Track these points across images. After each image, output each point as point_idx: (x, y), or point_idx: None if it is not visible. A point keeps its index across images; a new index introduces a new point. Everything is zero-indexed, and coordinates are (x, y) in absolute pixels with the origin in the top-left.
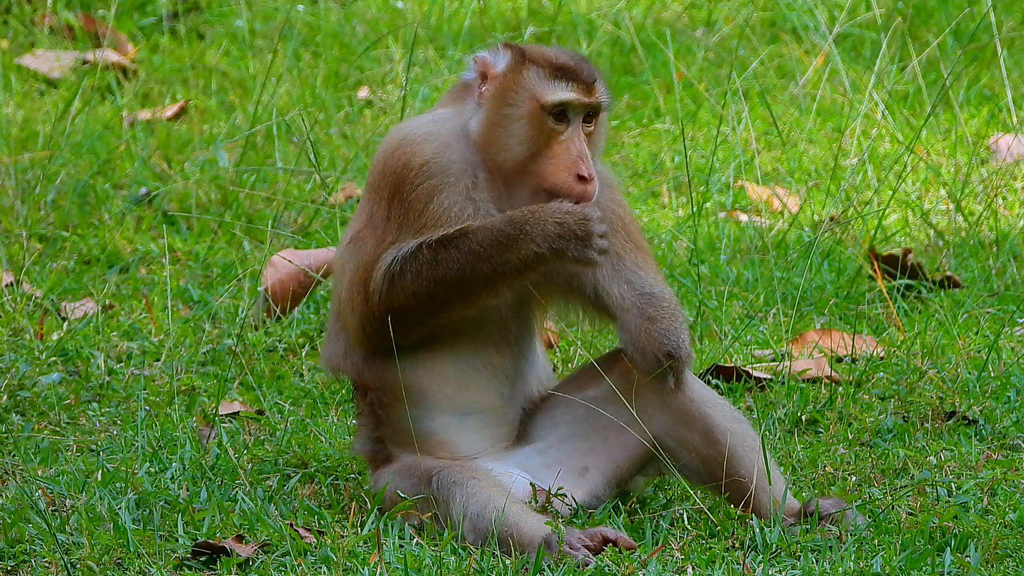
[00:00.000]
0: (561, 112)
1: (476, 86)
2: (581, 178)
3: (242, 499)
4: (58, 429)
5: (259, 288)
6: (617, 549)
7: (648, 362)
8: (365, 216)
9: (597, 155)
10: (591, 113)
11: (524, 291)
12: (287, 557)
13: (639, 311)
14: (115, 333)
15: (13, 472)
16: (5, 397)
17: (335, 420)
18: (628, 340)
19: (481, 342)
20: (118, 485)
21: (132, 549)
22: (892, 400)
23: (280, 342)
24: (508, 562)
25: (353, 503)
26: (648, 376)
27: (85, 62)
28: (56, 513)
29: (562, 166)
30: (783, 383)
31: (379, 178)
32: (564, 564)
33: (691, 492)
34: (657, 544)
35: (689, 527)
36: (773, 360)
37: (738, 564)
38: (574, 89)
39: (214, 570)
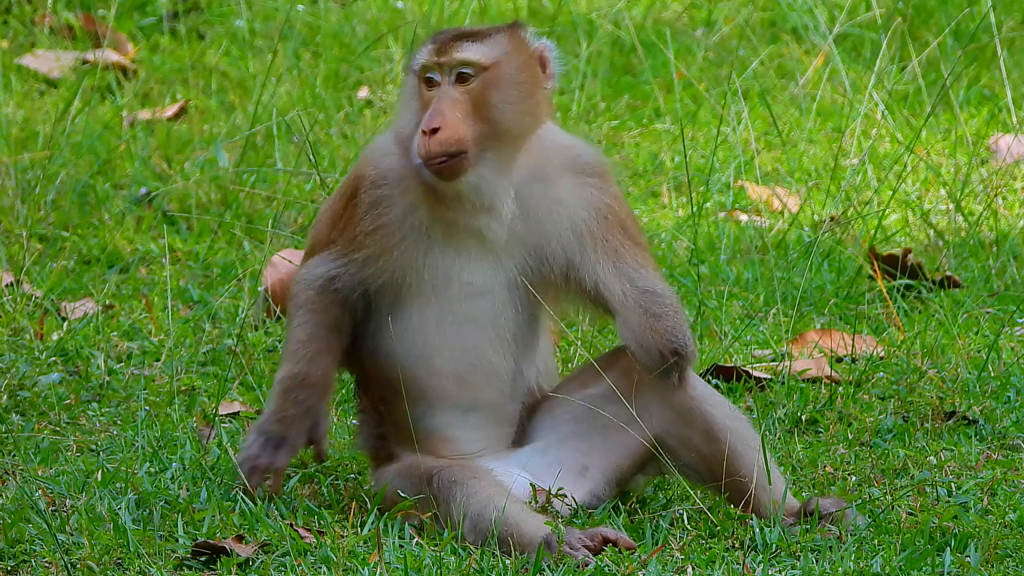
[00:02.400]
0: (430, 78)
1: None
2: (424, 133)
3: (242, 499)
4: (58, 429)
5: (259, 288)
6: (617, 549)
7: (653, 359)
8: (329, 200)
9: (497, 115)
10: (467, 73)
11: (522, 288)
12: (287, 557)
13: (643, 309)
14: (115, 333)
15: (13, 472)
16: (5, 397)
17: (335, 420)
18: (631, 337)
19: (478, 338)
20: (118, 485)
21: (132, 549)
22: (892, 400)
23: (280, 342)
24: (508, 562)
25: (353, 503)
26: (652, 373)
27: (85, 62)
28: (56, 513)
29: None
30: (783, 383)
31: (346, 178)
32: (564, 564)
33: (691, 492)
34: (657, 544)
35: (689, 527)
36: (773, 360)
37: (738, 564)
38: (428, 51)
39: (214, 570)
